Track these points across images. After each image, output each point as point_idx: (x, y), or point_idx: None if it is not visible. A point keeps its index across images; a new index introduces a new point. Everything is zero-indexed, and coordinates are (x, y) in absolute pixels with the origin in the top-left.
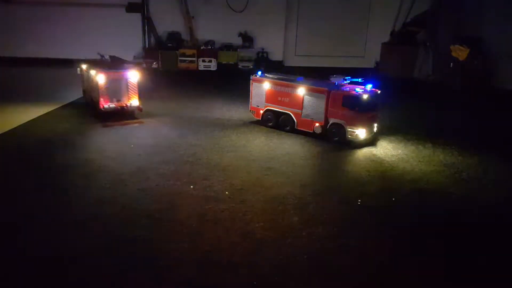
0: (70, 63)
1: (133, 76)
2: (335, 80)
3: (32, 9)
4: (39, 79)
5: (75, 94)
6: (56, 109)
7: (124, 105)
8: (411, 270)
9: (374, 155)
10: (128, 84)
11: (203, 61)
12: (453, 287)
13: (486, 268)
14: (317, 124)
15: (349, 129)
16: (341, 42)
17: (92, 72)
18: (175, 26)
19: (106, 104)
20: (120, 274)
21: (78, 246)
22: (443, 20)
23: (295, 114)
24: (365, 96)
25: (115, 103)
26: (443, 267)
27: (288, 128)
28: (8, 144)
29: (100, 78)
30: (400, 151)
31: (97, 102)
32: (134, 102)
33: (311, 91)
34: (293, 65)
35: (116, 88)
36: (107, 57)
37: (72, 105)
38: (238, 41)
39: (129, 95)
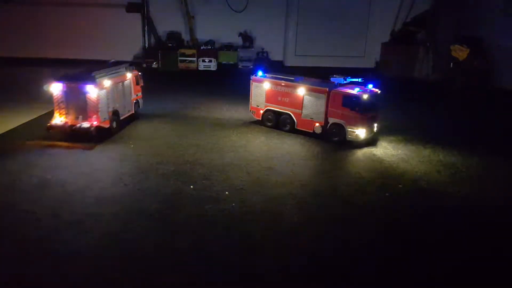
0: (71, 63)
1: (92, 90)
2: (335, 80)
3: (32, 9)
4: (39, 78)
5: None
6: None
7: (73, 125)
8: (412, 270)
9: (374, 155)
10: (87, 99)
11: (203, 61)
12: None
13: (486, 267)
14: (317, 124)
15: (349, 129)
16: (341, 42)
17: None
18: (175, 26)
19: (54, 120)
20: (120, 274)
21: (78, 245)
22: (443, 20)
23: (295, 114)
24: (365, 96)
25: (64, 120)
26: (442, 267)
27: (288, 128)
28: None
29: (53, 88)
30: (400, 151)
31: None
32: (85, 124)
33: (311, 91)
34: (293, 65)
35: (72, 103)
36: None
37: None
38: (238, 41)
39: (86, 113)
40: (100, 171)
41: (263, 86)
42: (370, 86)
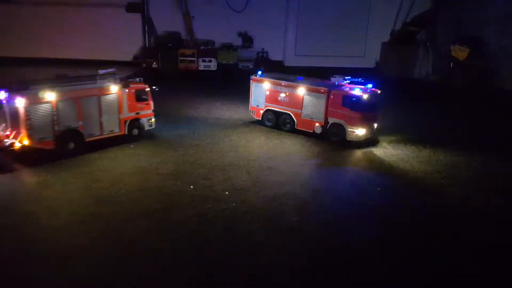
0: (70, 63)
1: (20, 103)
2: (335, 80)
3: (32, 9)
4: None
5: None
6: None
7: (1, 141)
8: (412, 270)
9: (374, 155)
10: (18, 113)
11: (203, 61)
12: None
13: (485, 267)
14: (317, 124)
15: (349, 129)
16: (341, 42)
17: None
18: (175, 26)
19: None
20: (120, 273)
21: (79, 245)
22: (443, 20)
23: (295, 114)
24: (365, 96)
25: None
26: (441, 267)
27: (288, 128)
28: None
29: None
30: (400, 151)
31: None
32: (9, 141)
33: (311, 91)
34: (293, 65)
35: (8, 116)
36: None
37: None
38: (238, 41)
39: (18, 129)
40: (100, 171)
41: (263, 86)
42: (370, 86)
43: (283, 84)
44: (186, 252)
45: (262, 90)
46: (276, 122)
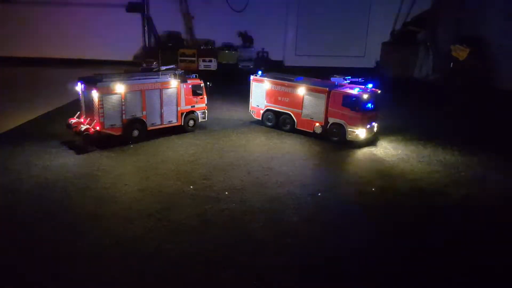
0: (70, 63)
1: (94, 94)
2: (335, 80)
3: (32, 9)
4: (39, 78)
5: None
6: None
7: (77, 125)
8: (412, 271)
9: (374, 155)
10: (93, 103)
11: (203, 61)
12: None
13: (485, 268)
14: (317, 124)
15: (349, 129)
16: (341, 42)
17: None
18: (175, 26)
19: (73, 119)
20: (120, 274)
21: (78, 245)
22: (443, 20)
23: (295, 114)
24: (365, 96)
25: (77, 120)
26: (440, 267)
27: (288, 128)
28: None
29: (78, 87)
30: (400, 151)
31: None
32: (84, 127)
33: (311, 91)
34: (293, 65)
35: (85, 104)
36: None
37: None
38: (238, 41)
39: (92, 117)
40: (100, 171)
41: (263, 86)
42: (370, 86)
43: (283, 84)
44: (185, 252)
45: (262, 90)
46: (276, 122)
